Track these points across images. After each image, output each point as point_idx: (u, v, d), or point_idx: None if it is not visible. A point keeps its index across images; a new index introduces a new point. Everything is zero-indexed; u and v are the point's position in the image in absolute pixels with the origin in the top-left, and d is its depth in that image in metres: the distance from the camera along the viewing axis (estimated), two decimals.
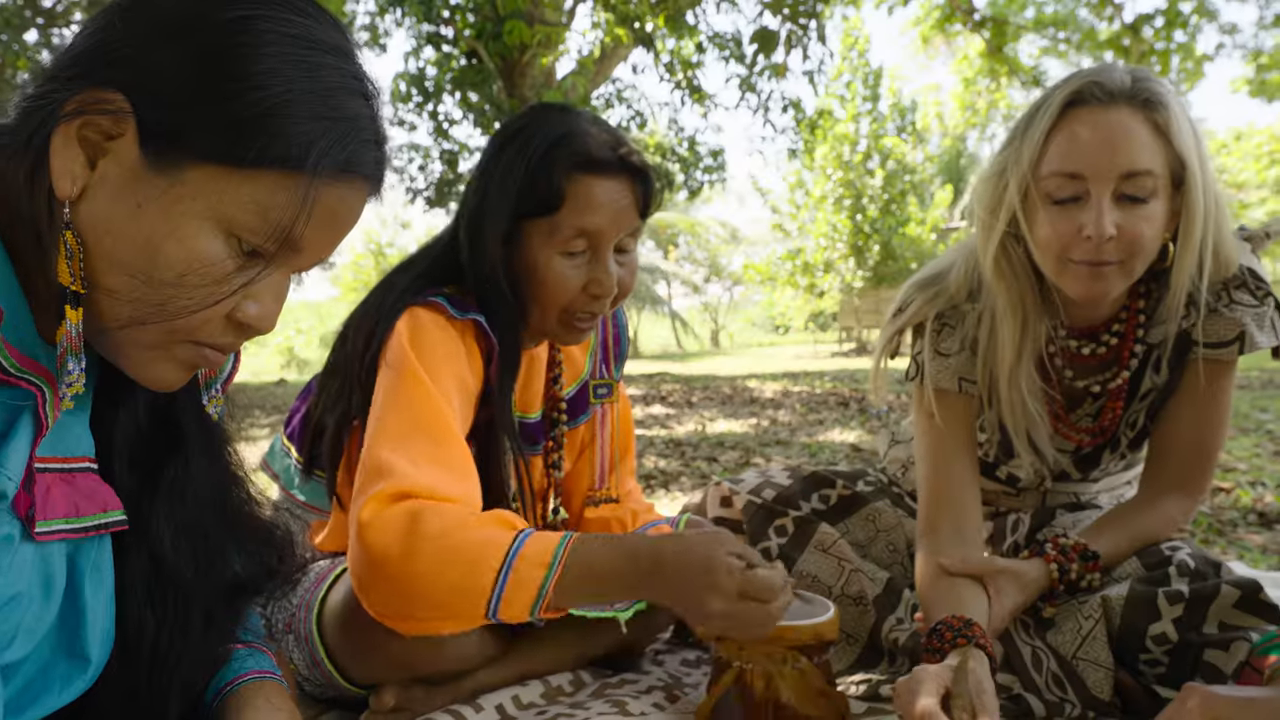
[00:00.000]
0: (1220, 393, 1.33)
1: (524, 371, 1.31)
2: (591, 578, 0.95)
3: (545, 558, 0.93)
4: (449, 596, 0.92)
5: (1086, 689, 1.22)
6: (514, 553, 0.92)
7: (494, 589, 0.91)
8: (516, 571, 0.91)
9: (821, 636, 1.14)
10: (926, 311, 1.41)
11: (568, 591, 0.94)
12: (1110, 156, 1.16)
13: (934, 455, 1.39)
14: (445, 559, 0.92)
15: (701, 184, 12.70)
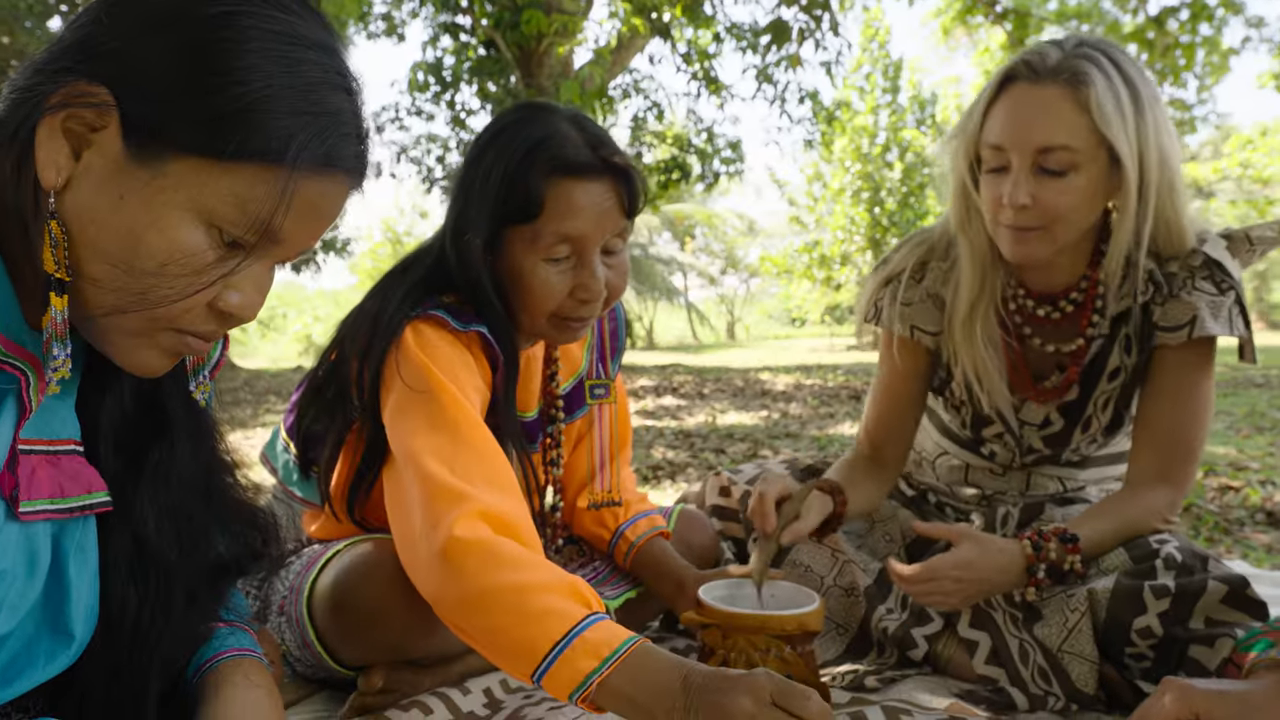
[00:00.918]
0: (1196, 386, 1.34)
1: (522, 370, 1.31)
2: (643, 688, 0.87)
3: (603, 651, 0.88)
4: (505, 647, 0.92)
5: (1071, 682, 1.23)
6: (575, 633, 0.89)
7: (544, 660, 0.89)
8: (573, 650, 0.88)
9: (805, 626, 1.15)
10: (908, 261, 1.50)
11: (613, 693, 0.88)
12: (1026, 132, 1.25)
13: (881, 389, 1.56)
14: (513, 615, 0.91)
15: (719, 175, 12.66)
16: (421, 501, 1.00)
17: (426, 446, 1.03)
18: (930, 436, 1.64)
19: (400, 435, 1.07)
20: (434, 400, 1.06)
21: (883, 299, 1.52)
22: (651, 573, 1.40)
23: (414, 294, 1.17)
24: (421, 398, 1.07)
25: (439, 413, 1.06)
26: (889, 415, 1.55)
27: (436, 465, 1.01)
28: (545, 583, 0.92)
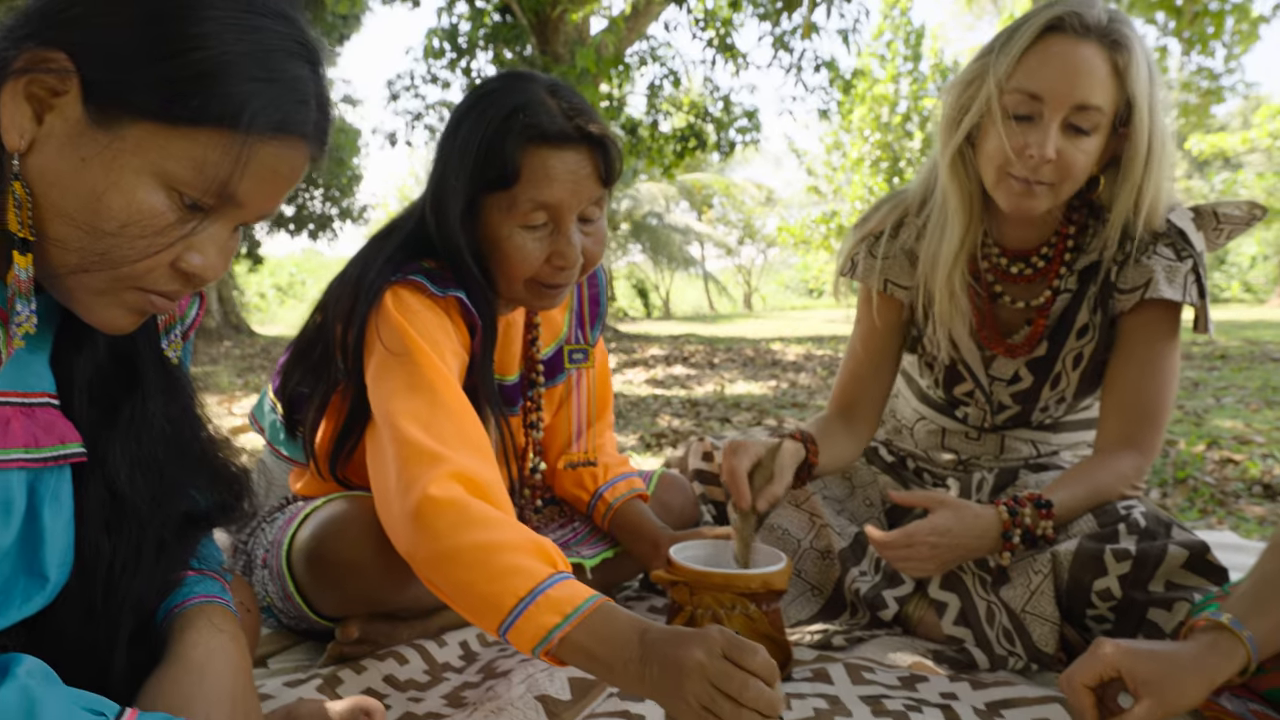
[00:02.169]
0: (1162, 354, 1.36)
1: (502, 334, 1.34)
2: (603, 643, 0.90)
3: (565, 608, 0.91)
4: (473, 602, 0.95)
5: (1033, 642, 1.25)
6: (539, 590, 0.92)
7: (510, 614, 0.91)
8: (537, 606, 0.91)
9: (770, 585, 1.18)
10: (887, 220, 1.52)
11: (575, 647, 0.90)
12: (1070, 87, 1.24)
13: (857, 346, 1.58)
14: (481, 571, 0.94)
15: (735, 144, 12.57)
16: (397, 462, 1.04)
17: (403, 409, 1.06)
18: (909, 403, 1.66)
19: (379, 397, 1.10)
20: (411, 363, 1.09)
21: (859, 254, 1.55)
22: (628, 533, 1.43)
23: (395, 259, 1.19)
24: (399, 360, 1.10)
25: (416, 375, 1.09)
26: (862, 372, 1.57)
27: (413, 427, 1.04)
28: (513, 542, 0.95)
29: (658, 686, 0.86)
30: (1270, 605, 0.98)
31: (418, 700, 1.11)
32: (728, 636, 0.87)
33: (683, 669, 0.84)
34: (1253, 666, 0.95)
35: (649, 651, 0.87)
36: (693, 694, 0.83)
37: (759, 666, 0.84)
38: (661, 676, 0.85)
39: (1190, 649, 0.97)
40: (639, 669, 0.87)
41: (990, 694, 1.15)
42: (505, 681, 1.12)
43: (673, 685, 0.84)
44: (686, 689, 0.83)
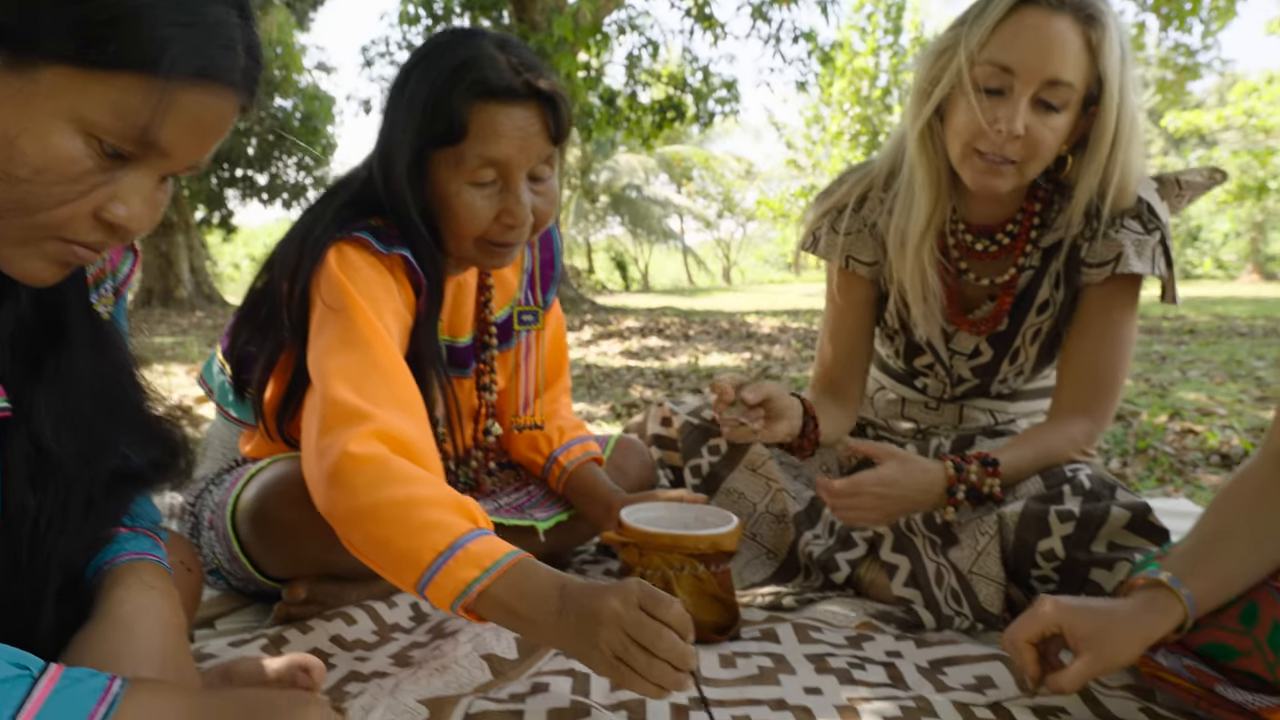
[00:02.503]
0: (1120, 323, 1.36)
1: (453, 295, 1.33)
2: (523, 598, 0.90)
3: (484, 562, 0.91)
4: (391, 558, 0.95)
5: (979, 602, 1.27)
6: (458, 545, 0.91)
7: (428, 570, 0.91)
8: (455, 561, 0.90)
9: (718, 546, 1.19)
10: (851, 194, 1.50)
11: (494, 602, 0.90)
12: (1042, 61, 1.22)
13: (830, 326, 1.57)
14: (399, 527, 0.93)
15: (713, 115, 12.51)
16: (322, 419, 1.03)
17: (335, 367, 1.05)
18: (869, 373, 1.67)
19: (314, 354, 1.09)
20: (348, 319, 1.08)
21: (821, 229, 1.53)
22: (582, 496, 1.43)
23: (341, 216, 1.17)
24: (337, 316, 1.09)
25: (351, 332, 1.07)
26: (841, 351, 1.55)
27: (341, 386, 1.03)
28: (433, 498, 0.95)
29: (574, 638, 0.86)
30: (1208, 564, 1.00)
31: (364, 660, 1.11)
32: (644, 588, 0.87)
33: (598, 619, 0.85)
34: (1189, 623, 0.97)
35: (567, 604, 0.88)
36: (606, 643, 0.84)
37: (673, 618, 0.85)
38: (578, 627, 0.86)
39: (1128, 606, 0.98)
40: (556, 621, 0.87)
41: (934, 652, 1.17)
42: (452, 641, 1.12)
43: (588, 636, 0.85)
44: (601, 638, 0.84)
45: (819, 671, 1.09)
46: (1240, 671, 0.97)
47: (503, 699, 0.97)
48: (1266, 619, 0.96)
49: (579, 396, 4.37)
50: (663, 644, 0.83)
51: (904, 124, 1.42)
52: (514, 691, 0.99)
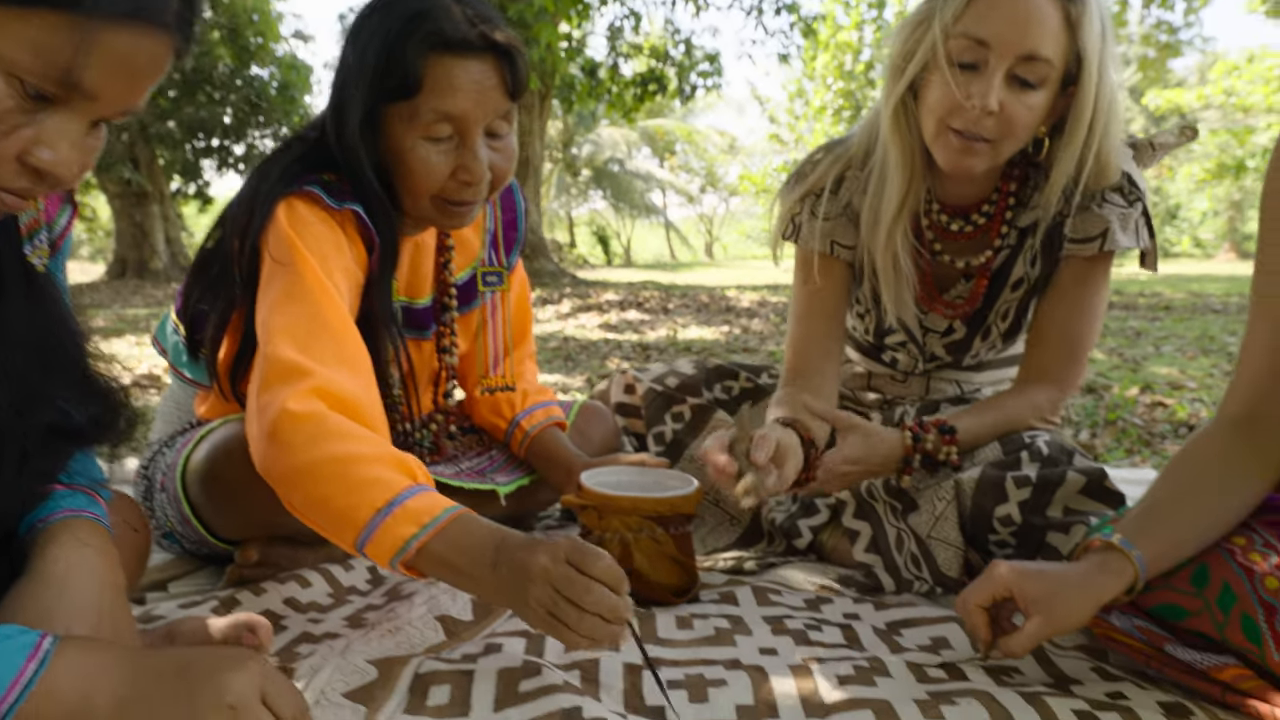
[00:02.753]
0: (1091, 290, 1.36)
1: (411, 256, 1.31)
2: (461, 553, 0.91)
3: (423, 518, 0.91)
4: (329, 516, 0.94)
5: (937, 566, 1.27)
6: (397, 501, 0.91)
7: (366, 526, 0.91)
8: (393, 518, 0.90)
9: (676, 509, 1.18)
10: (828, 176, 1.44)
11: (432, 558, 0.91)
12: (1019, 35, 1.18)
13: (801, 317, 1.48)
14: (338, 484, 0.93)
15: (695, 88, 12.43)
16: (263, 376, 1.01)
17: (280, 322, 1.03)
18: None
19: (261, 310, 1.07)
20: (295, 275, 1.06)
21: (800, 215, 1.46)
22: (544, 460, 1.42)
23: (291, 171, 1.15)
24: (284, 272, 1.07)
25: (298, 288, 1.06)
26: (817, 334, 1.46)
27: (284, 340, 1.01)
28: (372, 454, 0.94)
29: (508, 592, 0.87)
30: (1160, 526, 1.00)
31: (317, 622, 1.10)
32: (573, 543, 0.88)
33: (529, 574, 0.85)
34: (1140, 585, 0.97)
35: (500, 558, 0.88)
36: (535, 599, 0.85)
37: (602, 572, 0.85)
38: (511, 581, 0.86)
39: (1080, 568, 0.98)
40: (492, 575, 0.88)
41: (891, 614, 1.17)
42: (407, 603, 1.12)
43: (519, 591, 0.86)
44: (530, 594, 0.85)
45: (775, 633, 1.09)
46: (1190, 631, 0.98)
47: (455, 659, 0.96)
48: (1217, 580, 0.97)
49: (556, 368, 4.36)
50: (591, 598, 0.83)
51: (879, 101, 1.38)
52: (467, 652, 0.99)
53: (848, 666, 0.98)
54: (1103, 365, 4.33)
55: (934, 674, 0.98)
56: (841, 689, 0.93)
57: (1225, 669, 0.92)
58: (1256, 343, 1.04)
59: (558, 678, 0.91)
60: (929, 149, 1.29)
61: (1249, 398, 1.04)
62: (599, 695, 0.92)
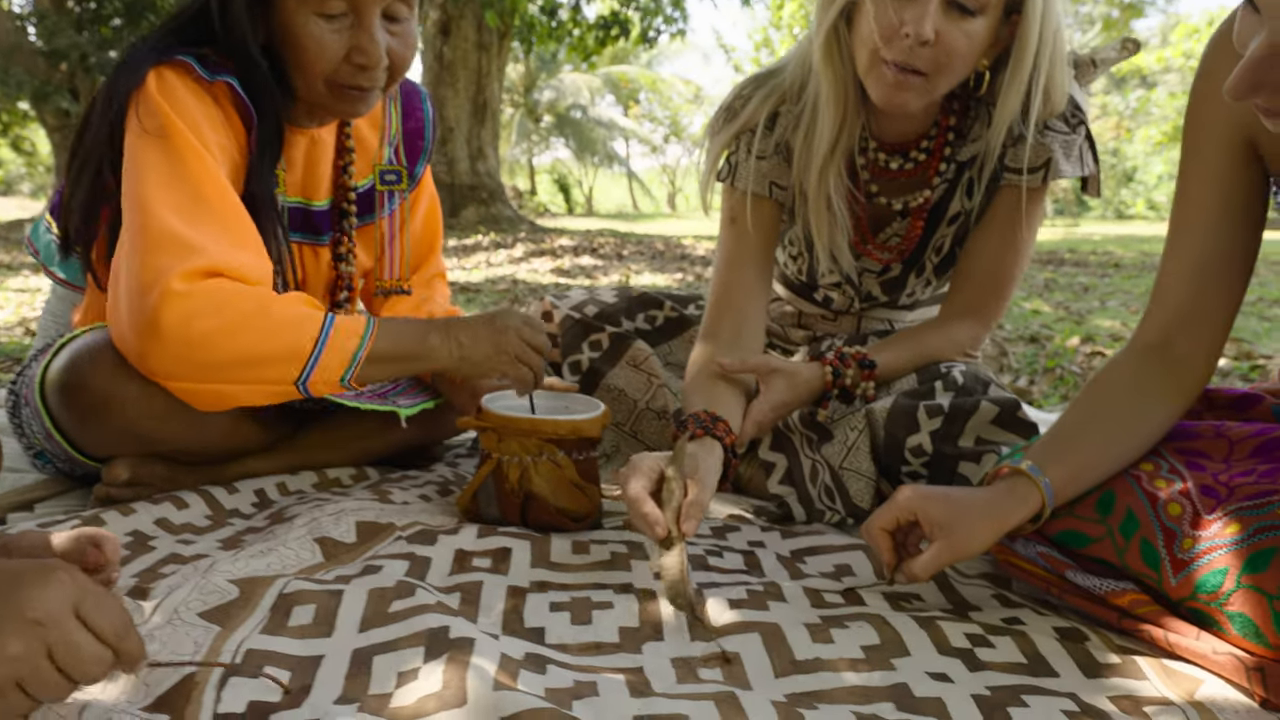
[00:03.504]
0: (1024, 223, 1.31)
1: (306, 153, 1.23)
2: (399, 347, 1.06)
3: (358, 328, 1.02)
4: (260, 362, 0.98)
5: (850, 498, 1.24)
6: (329, 325, 1.00)
7: (311, 355, 0.98)
8: (332, 340, 0.99)
9: (579, 432, 1.13)
10: (760, 113, 1.35)
11: (377, 362, 1.04)
12: None
13: (729, 260, 1.37)
14: (265, 329, 0.97)
15: (660, 33, 12.20)
16: (140, 253, 0.95)
17: (159, 195, 0.97)
18: None
19: (131, 182, 1.00)
20: (171, 150, 1.00)
21: (736, 154, 1.36)
22: (449, 384, 1.36)
23: (164, 42, 1.07)
24: (158, 146, 1.00)
25: (177, 164, 0.99)
26: (744, 284, 1.35)
27: (167, 214, 0.96)
28: (282, 298, 0.99)
29: (469, 351, 1.11)
30: (1070, 453, 0.98)
31: (189, 543, 1.03)
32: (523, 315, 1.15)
33: (502, 328, 1.12)
34: (1047, 512, 0.95)
35: (451, 332, 1.10)
36: (508, 346, 1.12)
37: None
38: (474, 341, 1.11)
39: (986, 494, 0.96)
40: (445, 344, 1.09)
41: (797, 542, 1.14)
42: (287, 525, 1.06)
43: (488, 343, 1.11)
44: (505, 343, 1.12)
45: None
46: (1090, 558, 0.96)
47: (327, 580, 0.91)
48: (1121, 507, 0.95)
49: None
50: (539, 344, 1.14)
51: (809, 36, 1.29)
52: (342, 574, 0.93)
53: (741, 591, 0.95)
54: (1048, 317, 4.36)
55: (831, 599, 0.95)
56: (732, 612, 0.89)
57: (1123, 594, 0.91)
58: (1174, 270, 1.01)
59: (431, 598, 0.86)
60: (862, 83, 1.21)
61: (1164, 324, 1.01)
62: (476, 617, 0.88)
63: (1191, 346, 1.00)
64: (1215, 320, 1.00)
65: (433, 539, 1.04)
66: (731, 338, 1.32)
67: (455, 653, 0.74)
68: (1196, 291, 0.99)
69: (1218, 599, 0.84)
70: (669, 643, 0.85)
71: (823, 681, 0.78)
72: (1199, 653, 0.83)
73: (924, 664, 0.82)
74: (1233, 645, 0.82)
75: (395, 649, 0.77)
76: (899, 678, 0.79)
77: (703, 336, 1.35)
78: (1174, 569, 0.88)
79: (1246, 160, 0.97)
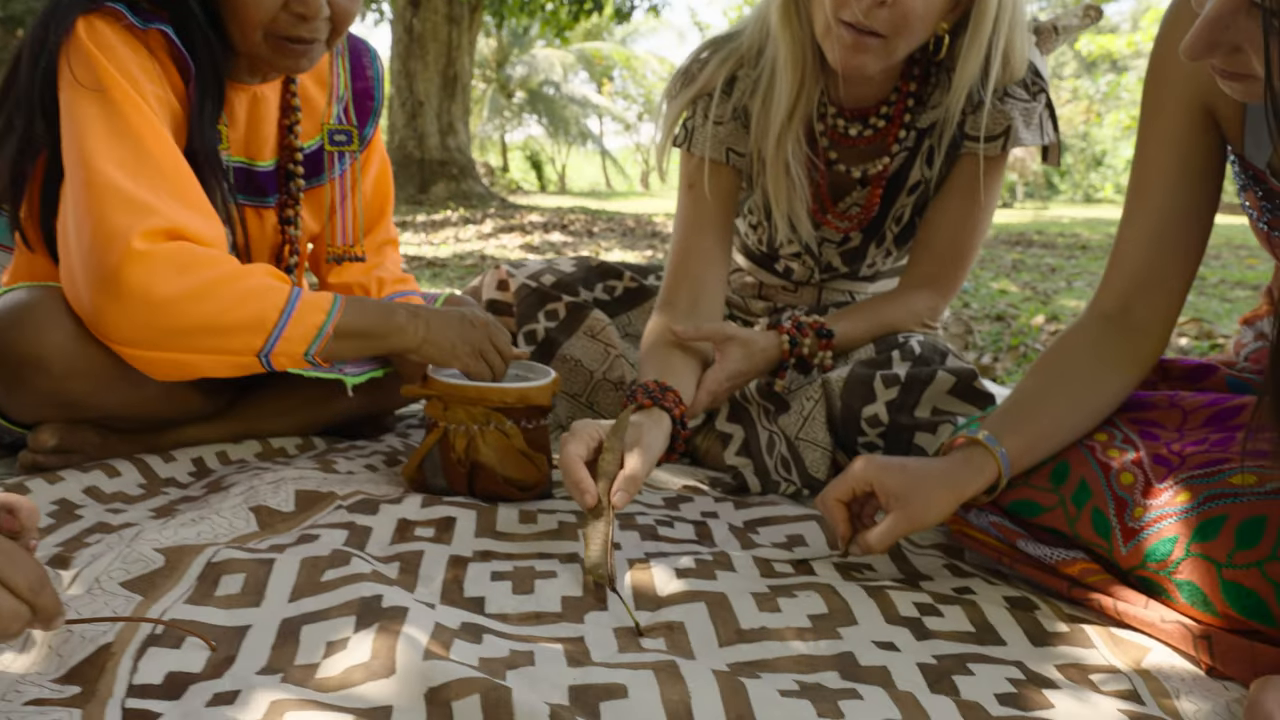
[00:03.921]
0: (984, 192, 1.30)
1: (249, 109, 1.18)
2: (365, 324, 1.06)
3: (325, 304, 1.01)
4: (224, 331, 0.96)
5: (805, 469, 1.23)
6: (295, 297, 0.99)
7: (276, 326, 0.96)
8: (298, 312, 0.98)
9: (527, 400, 1.10)
10: (718, 77, 1.31)
11: (343, 337, 1.03)
12: None
13: (687, 227, 1.34)
14: (230, 297, 0.95)
15: (634, 8, 12.09)
16: (94, 213, 0.91)
17: (103, 151, 0.93)
18: None
19: (71, 139, 0.96)
20: (110, 104, 0.95)
21: (693, 119, 1.32)
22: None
23: None
24: (96, 100, 0.96)
25: (116, 119, 0.95)
26: (702, 252, 1.31)
27: (111, 169, 0.92)
28: (248, 268, 0.97)
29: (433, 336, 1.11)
30: (1024, 422, 0.96)
31: (119, 512, 1.00)
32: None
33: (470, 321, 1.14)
34: (1003, 482, 0.94)
35: (420, 314, 1.11)
36: (470, 340, 1.13)
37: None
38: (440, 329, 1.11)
39: (941, 464, 0.94)
40: (413, 325, 1.09)
41: (751, 513, 1.12)
42: (223, 494, 1.02)
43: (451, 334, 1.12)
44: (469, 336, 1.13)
45: (623, 528, 1.03)
46: (1043, 527, 0.95)
47: (260, 549, 0.88)
48: (1075, 477, 0.94)
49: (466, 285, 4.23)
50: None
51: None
52: (276, 543, 0.90)
53: (690, 560, 0.93)
54: (1014, 297, 4.38)
55: (781, 569, 0.93)
56: (679, 580, 0.87)
57: (1073, 563, 0.90)
58: (1132, 235, 1.00)
59: (367, 567, 0.83)
60: (820, 46, 1.18)
61: (1122, 292, 1.00)
62: (414, 586, 0.85)
63: (1148, 314, 0.99)
64: (1172, 287, 0.99)
65: (374, 508, 1.01)
66: (689, 307, 1.29)
67: (387, 622, 0.72)
68: (1154, 257, 0.98)
69: (1166, 567, 0.83)
70: (613, 612, 0.83)
71: (767, 650, 0.77)
72: (1147, 621, 0.82)
73: (871, 633, 0.80)
74: (1181, 614, 0.82)
75: (325, 619, 0.75)
76: (845, 647, 0.77)
77: (660, 306, 1.32)
78: (1124, 538, 0.87)
79: (1205, 125, 0.96)
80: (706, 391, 1.20)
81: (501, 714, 0.61)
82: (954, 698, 0.68)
